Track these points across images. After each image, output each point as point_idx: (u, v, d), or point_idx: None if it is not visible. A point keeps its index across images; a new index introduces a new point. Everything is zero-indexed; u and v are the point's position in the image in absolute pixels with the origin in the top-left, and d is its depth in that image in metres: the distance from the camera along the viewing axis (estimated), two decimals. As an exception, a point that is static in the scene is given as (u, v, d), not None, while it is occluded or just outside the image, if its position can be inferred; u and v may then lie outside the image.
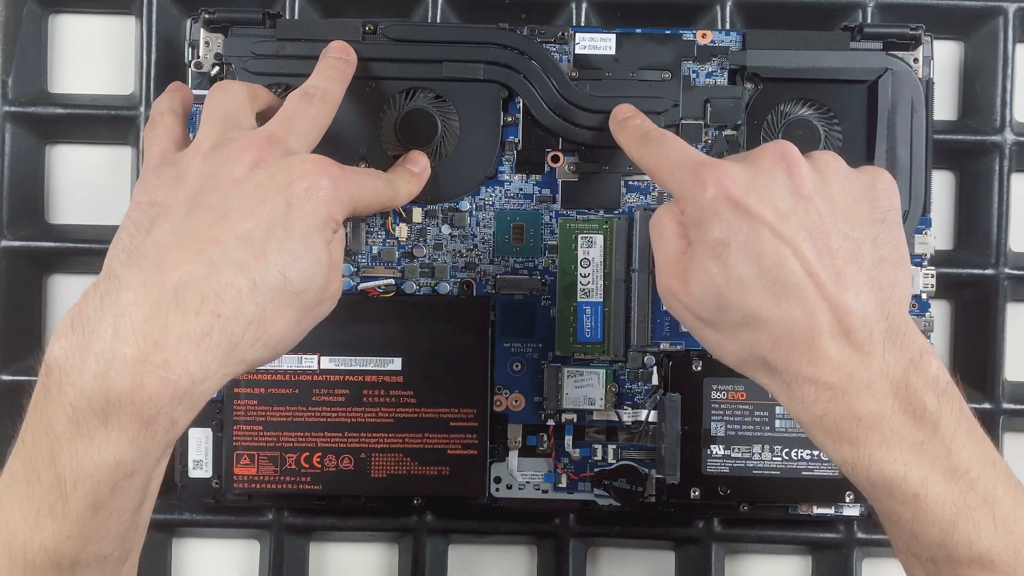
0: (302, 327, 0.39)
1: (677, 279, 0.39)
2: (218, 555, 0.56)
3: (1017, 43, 0.54)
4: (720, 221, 0.37)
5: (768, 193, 0.37)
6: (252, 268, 0.36)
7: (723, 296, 0.37)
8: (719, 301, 0.37)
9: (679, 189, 0.39)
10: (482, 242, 0.51)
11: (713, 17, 0.54)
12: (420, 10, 0.54)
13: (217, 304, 0.35)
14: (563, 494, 0.52)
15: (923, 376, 0.35)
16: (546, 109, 0.50)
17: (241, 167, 0.38)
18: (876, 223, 0.38)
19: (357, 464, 0.50)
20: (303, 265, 0.37)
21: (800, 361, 0.36)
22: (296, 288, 0.37)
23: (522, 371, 0.51)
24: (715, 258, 0.37)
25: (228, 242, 0.36)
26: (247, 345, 0.36)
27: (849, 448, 0.35)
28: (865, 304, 0.36)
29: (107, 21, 0.56)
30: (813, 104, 0.51)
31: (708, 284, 0.37)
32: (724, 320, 0.37)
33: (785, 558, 0.56)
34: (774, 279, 0.36)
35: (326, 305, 0.40)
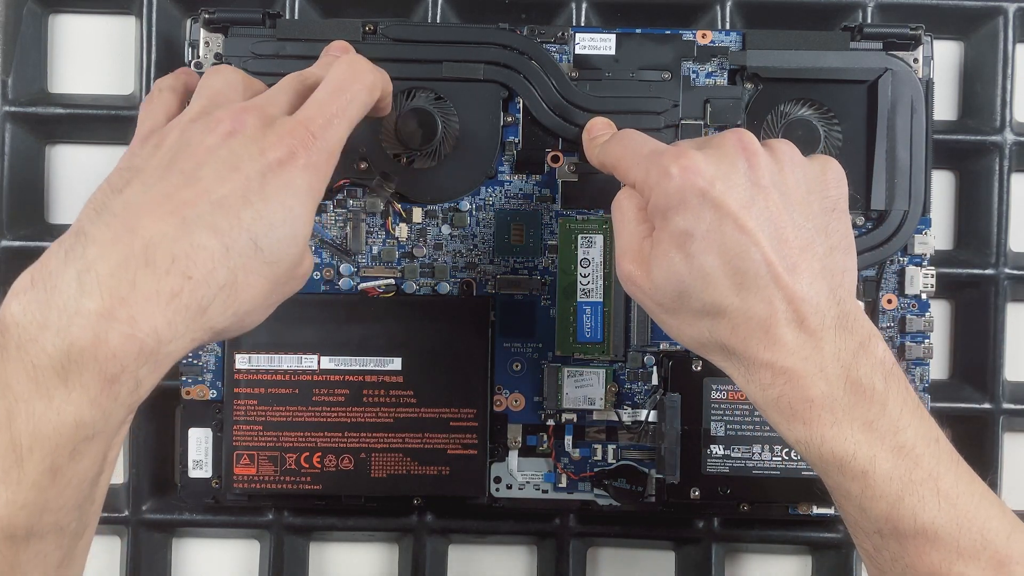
0: (272, 300, 0.38)
1: (638, 265, 0.39)
2: (218, 555, 0.56)
3: (1017, 43, 0.54)
4: (686, 211, 0.37)
5: (731, 183, 0.37)
6: (226, 233, 0.35)
7: (685, 285, 0.38)
8: (680, 290, 0.38)
9: (642, 177, 0.39)
10: (482, 242, 0.51)
11: (713, 17, 0.54)
12: (420, 10, 0.54)
13: (188, 265, 0.34)
14: (563, 494, 0.52)
15: (871, 359, 0.37)
16: (546, 109, 0.50)
17: (216, 136, 0.37)
18: (827, 212, 0.39)
19: (357, 464, 0.50)
20: (278, 235, 0.36)
21: (757, 347, 0.37)
22: (269, 258, 0.36)
23: (522, 371, 0.51)
24: (679, 248, 0.38)
25: (201, 205, 0.35)
26: (217, 311, 0.35)
27: (802, 428, 0.37)
28: (818, 292, 0.37)
29: (107, 21, 0.56)
30: (813, 104, 0.51)
31: (670, 273, 0.38)
32: (684, 308, 0.38)
33: (785, 558, 0.56)
34: (735, 270, 0.37)
35: (297, 282, 0.39)
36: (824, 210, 0.39)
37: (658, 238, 0.38)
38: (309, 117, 0.38)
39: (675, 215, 0.38)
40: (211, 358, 0.51)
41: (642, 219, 0.40)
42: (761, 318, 0.37)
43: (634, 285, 0.40)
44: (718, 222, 0.37)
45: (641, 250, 0.39)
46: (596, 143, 0.46)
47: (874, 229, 0.51)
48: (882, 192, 0.50)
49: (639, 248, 0.40)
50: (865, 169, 0.51)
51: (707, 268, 0.37)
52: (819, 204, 0.39)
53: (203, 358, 0.51)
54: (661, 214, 0.38)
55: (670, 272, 0.38)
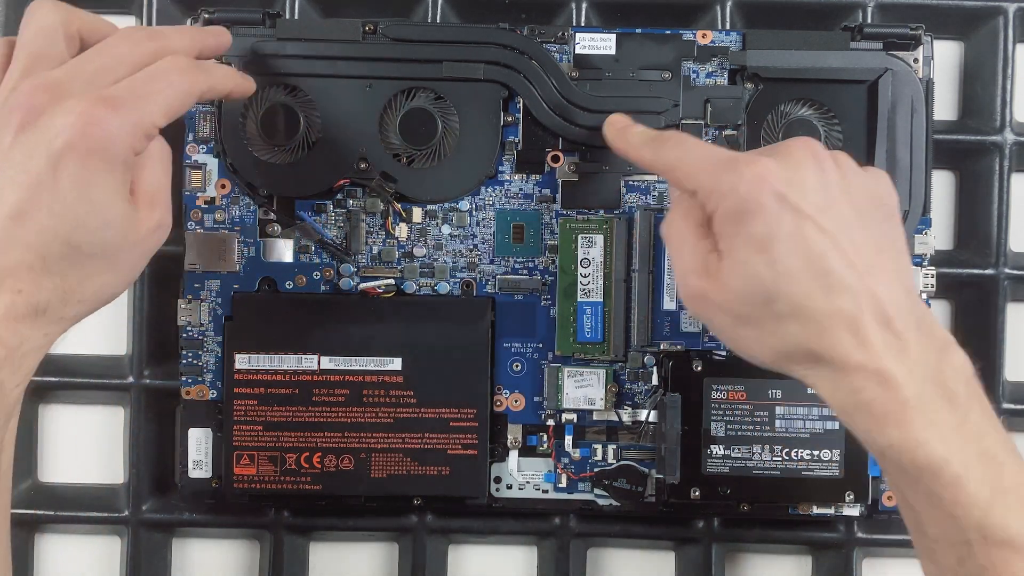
0: (123, 275, 0.39)
1: (708, 279, 0.39)
2: (218, 555, 0.56)
3: (1017, 43, 0.54)
4: (765, 214, 0.37)
5: (805, 187, 0.37)
6: (35, 245, 0.35)
7: (769, 290, 0.37)
8: (765, 295, 0.37)
9: (709, 184, 0.39)
10: (482, 242, 0.51)
11: (713, 17, 0.54)
12: (420, 10, 0.54)
13: (13, 283, 0.35)
14: (563, 494, 0.52)
15: (953, 363, 0.37)
16: (546, 109, 0.50)
17: (9, 133, 0.36)
18: (885, 220, 0.39)
19: (357, 464, 0.50)
20: (88, 228, 0.36)
21: (847, 349, 0.36)
22: (89, 251, 0.36)
23: (522, 371, 0.51)
24: (759, 251, 0.37)
25: (5, 224, 0.35)
26: (58, 307, 0.36)
27: (896, 432, 0.36)
28: (898, 294, 0.37)
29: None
30: (813, 104, 0.51)
31: (752, 279, 0.37)
32: (767, 314, 0.37)
33: (785, 558, 0.56)
34: (820, 270, 0.36)
35: (151, 241, 0.39)
36: (884, 217, 0.39)
37: (732, 246, 0.38)
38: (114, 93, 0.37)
39: (753, 220, 0.37)
40: (211, 358, 0.51)
41: (701, 235, 0.40)
42: (850, 318, 0.36)
43: (705, 301, 0.39)
44: (798, 224, 0.37)
45: (707, 265, 0.39)
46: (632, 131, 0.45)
47: (874, 229, 0.51)
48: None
49: (704, 264, 0.39)
50: (865, 169, 0.51)
51: (792, 270, 0.36)
52: (880, 212, 0.39)
53: (203, 358, 0.51)
54: (735, 220, 0.38)
55: (751, 278, 0.37)
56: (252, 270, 0.51)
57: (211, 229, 0.51)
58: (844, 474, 0.50)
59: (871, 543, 0.54)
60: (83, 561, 0.56)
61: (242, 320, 0.50)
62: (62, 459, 0.56)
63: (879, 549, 0.54)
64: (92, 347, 0.56)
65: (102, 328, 0.56)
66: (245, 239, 0.51)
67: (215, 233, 0.51)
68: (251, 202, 0.51)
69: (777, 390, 0.50)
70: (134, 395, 0.53)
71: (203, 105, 0.50)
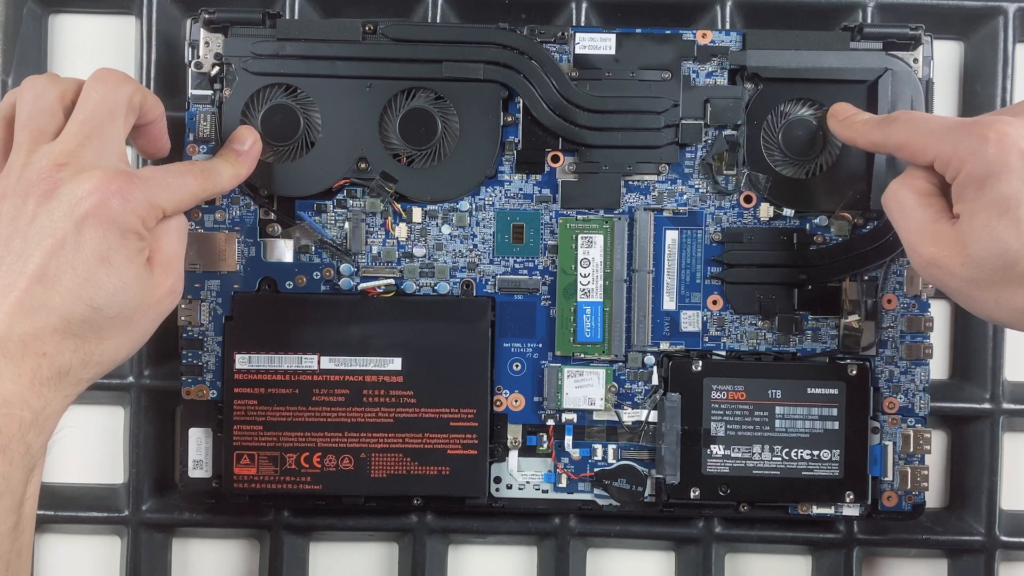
0: (136, 336, 0.41)
1: (944, 247, 0.39)
2: (218, 555, 0.56)
3: (1017, 43, 0.54)
4: (1011, 175, 0.37)
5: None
6: (59, 308, 0.37)
7: (1013, 252, 0.37)
8: (1007, 257, 0.37)
9: (950, 149, 0.39)
10: (482, 242, 0.51)
11: (713, 17, 0.54)
12: (420, 10, 0.54)
13: (39, 346, 0.37)
14: (563, 494, 0.52)
15: None
16: (546, 109, 0.50)
17: (32, 203, 0.38)
18: None
19: (357, 464, 0.50)
20: (108, 290, 0.38)
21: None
22: (109, 313, 0.39)
23: (522, 371, 0.51)
24: (1003, 214, 0.37)
25: (32, 288, 0.37)
26: (78, 369, 0.39)
27: None
28: None
29: (107, 21, 0.56)
30: (813, 104, 0.51)
31: (994, 242, 0.37)
32: (1009, 277, 0.38)
33: (785, 558, 0.56)
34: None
35: (164, 305, 0.42)
36: None
37: (974, 209, 0.38)
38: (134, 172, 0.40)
39: (997, 181, 0.37)
40: (211, 358, 0.51)
41: (928, 203, 0.40)
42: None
43: (939, 267, 0.39)
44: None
45: (938, 231, 0.39)
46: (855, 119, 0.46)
47: (875, 229, 0.51)
48: (882, 192, 0.50)
49: (935, 230, 0.40)
50: (866, 169, 0.51)
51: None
52: None
53: (203, 358, 0.51)
54: (978, 184, 0.38)
55: (994, 241, 0.37)
56: (252, 270, 0.51)
57: (211, 229, 0.51)
58: (844, 474, 0.50)
59: (871, 543, 0.54)
60: (83, 561, 0.56)
61: (242, 320, 0.50)
62: (62, 459, 0.56)
63: (879, 549, 0.54)
64: (92, 347, 0.56)
65: (102, 328, 0.55)
66: (245, 239, 0.51)
67: (215, 233, 0.51)
68: (251, 202, 0.51)
69: (777, 390, 0.50)
70: (134, 395, 0.53)
71: (203, 105, 0.50)
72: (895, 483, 0.51)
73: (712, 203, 0.51)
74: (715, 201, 0.51)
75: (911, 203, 0.41)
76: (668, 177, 0.51)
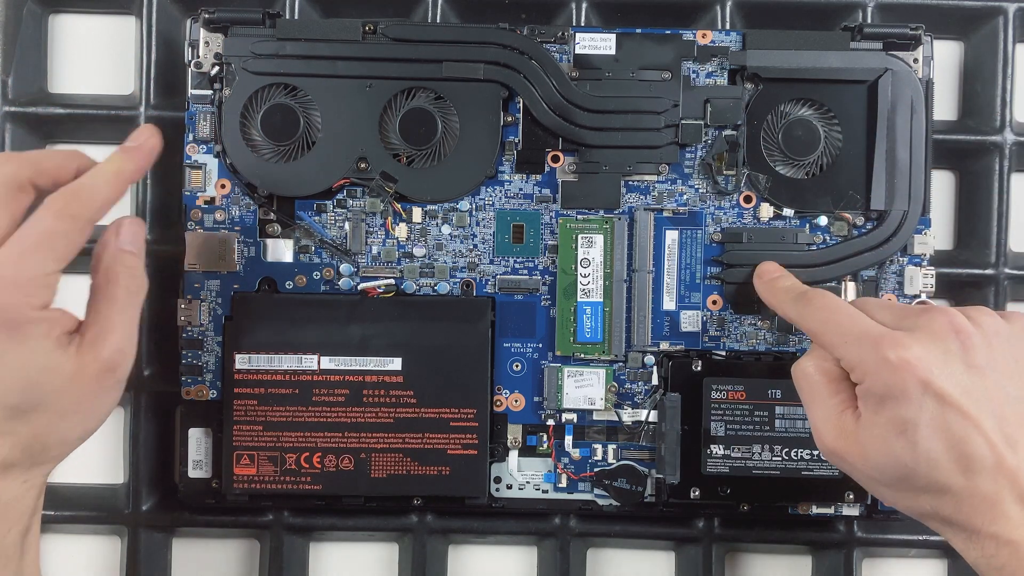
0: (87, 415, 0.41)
1: (847, 443, 0.40)
2: (218, 555, 0.56)
3: (1017, 43, 0.54)
4: (908, 401, 0.38)
5: (950, 370, 0.38)
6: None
7: (909, 470, 0.38)
8: (903, 473, 0.39)
9: (855, 359, 0.40)
10: (482, 242, 0.51)
11: (713, 17, 0.54)
12: (420, 10, 0.54)
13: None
14: (563, 494, 0.52)
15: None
16: (546, 109, 0.50)
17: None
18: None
19: (357, 464, 0.50)
20: (15, 388, 0.38)
21: (983, 520, 0.38)
22: (30, 406, 0.38)
23: (522, 371, 0.51)
24: (900, 434, 0.38)
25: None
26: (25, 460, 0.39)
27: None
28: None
29: (107, 21, 0.56)
30: (813, 104, 0.51)
31: (891, 458, 0.38)
32: (904, 486, 0.39)
33: (785, 558, 0.56)
34: (960, 454, 0.38)
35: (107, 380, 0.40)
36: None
37: (873, 421, 0.39)
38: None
39: (896, 404, 0.38)
40: (211, 358, 0.51)
41: (835, 389, 0.41)
42: (987, 497, 0.38)
43: (843, 462, 0.41)
44: (941, 411, 0.38)
45: (842, 425, 0.40)
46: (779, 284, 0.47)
47: (874, 229, 0.51)
48: (882, 192, 0.50)
49: (839, 423, 0.40)
50: (865, 169, 0.51)
51: (932, 455, 0.38)
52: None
53: (203, 358, 0.51)
54: (878, 400, 0.39)
55: (890, 457, 0.38)
56: (252, 270, 0.51)
57: (211, 229, 0.51)
58: (844, 474, 0.50)
59: (871, 543, 0.54)
60: (83, 561, 0.56)
61: (242, 320, 0.50)
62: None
63: (879, 549, 0.54)
64: (92, 347, 0.56)
65: (102, 328, 0.55)
66: (245, 239, 0.51)
67: (215, 233, 0.51)
68: (251, 202, 0.51)
69: (777, 390, 0.50)
70: (134, 395, 0.53)
71: (203, 105, 0.50)
72: (895, 483, 0.51)
73: (712, 203, 0.51)
74: (715, 201, 0.51)
75: (820, 388, 0.41)
76: (668, 177, 0.51)
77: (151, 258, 0.53)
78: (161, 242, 0.53)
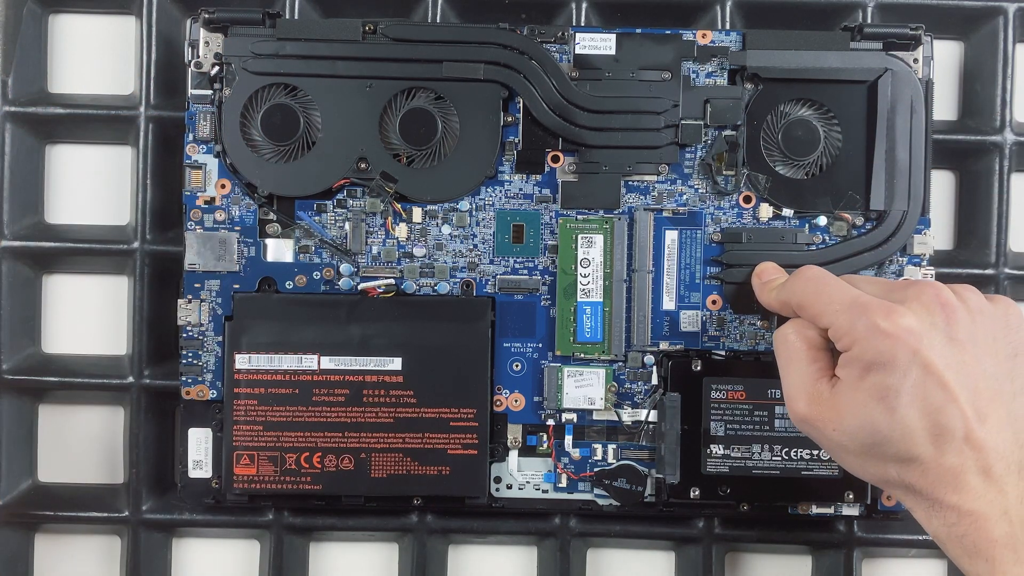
0: None
1: (821, 408, 0.41)
2: (218, 555, 0.56)
3: (1017, 43, 0.54)
4: (895, 368, 0.38)
5: (934, 341, 0.39)
6: None
7: (882, 436, 0.39)
8: (876, 439, 0.39)
9: (845, 326, 0.40)
10: (482, 242, 0.51)
11: (713, 17, 0.54)
12: (420, 10, 0.54)
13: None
14: (563, 494, 0.52)
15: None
16: (546, 109, 0.50)
17: None
18: (1011, 357, 0.41)
19: (357, 464, 0.50)
20: None
21: (945, 491, 0.39)
22: None
23: (522, 371, 0.51)
24: (880, 400, 0.39)
25: None
26: None
27: (984, 565, 0.38)
28: (1005, 440, 0.39)
29: (107, 21, 0.56)
30: (813, 104, 0.51)
31: (867, 423, 0.39)
32: (874, 454, 0.40)
33: (785, 558, 0.56)
34: (934, 424, 0.38)
35: None
36: (1008, 355, 0.41)
37: (855, 386, 0.39)
38: None
39: (882, 370, 0.39)
40: (211, 358, 0.51)
41: (814, 357, 0.42)
42: (952, 468, 0.38)
43: (813, 428, 0.41)
44: (923, 380, 0.38)
45: (818, 392, 0.41)
46: (771, 286, 0.47)
47: (873, 229, 0.51)
48: (881, 192, 0.50)
49: (814, 389, 0.41)
50: (865, 169, 0.51)
51: (908, 422, 0.38)
52: (1004, 350, 0.41)
53: (203, 358, 0.51)
54: (864, 366, 0.39)
55: (866, 422, 0.39)
56: (252, 270, 0.51)
57: (211, 229, 0.51)
58: (844, 474, 0.50)
59: (871, 543, 0.54)
60: (83, 561, 0.56)
61: (242, 320, 0.50)
62: (62, 459, 0.56)
63: (879, 549, 0.54)
64: (92, 347, 0.56)
65: (102, 328, 0.56)
66: (245, 239, 0.51)
67: (215, 233, 0.51)
68: (251, 202, 0.51)
69: (777, 390, 0.50)
70: (134, 395, 0.53)
71: (203, 105, 0.51)
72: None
73: (712, 203, 0.51)
74: (715, 201, 0.51)
75: (800, 354, 0.42)
76: (668, 177, 0.51)
77: (151, 258, 0.54)
78: (161, 242, 0.54)
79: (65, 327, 0.56)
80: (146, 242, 0.53)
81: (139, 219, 0.53)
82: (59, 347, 0.56)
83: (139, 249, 0.53)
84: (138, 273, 0.53)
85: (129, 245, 0.53)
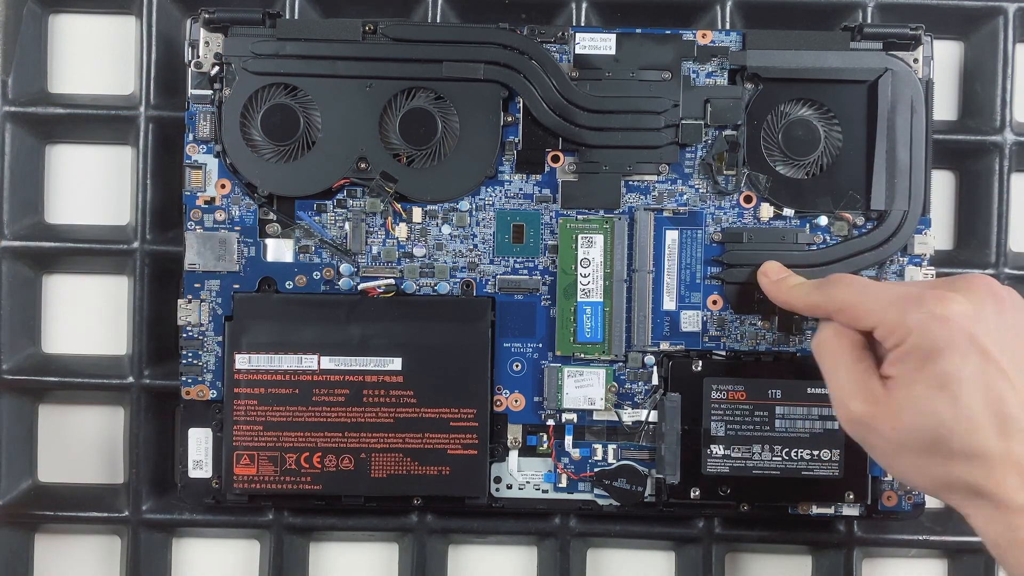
0: None
1: (877, 408, 0.39)
2: (218, 555, 0.56)
3: (1017, 43, 0.54)
4: (955, 354, 0.37)
5: (989, 327, 0.38)
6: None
7: (946, 427, 0.37)
8: (939, 433, 0.38)
9: (897, 320, 0.39)
10: (482, 242, 0.51)
11: (713, 17, 0.54)
12: (420, 10, 0.54)
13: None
14: (563, 494, 0.52)
15: None
16: (546, 109, 0.50)
17: None
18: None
19: (357, 464, 0.50)
20: None
21: (1012, 489, 0.37)
22: None
23: (522, 371, 0.51)
24: (942, 389, 0.37)
25: None
26: None
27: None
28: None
29: (107, 21, 0.56)
30: (813, 104, 0.51)
31: (928, 415, 0.38)
32: (936, 450, 0.38)
33: (785, 558, 0.56)
34: (997, 414, 0.37)
35: None
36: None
37: (912, 379, 0.38)
38: None
39: (941, 357, 0.38)
40: (211, 358, 0.51)
41: (859, 356, 0.40)
42: (1019, 461, 0.37)
43: (868, 427, 0.40)
44: (983, 366, 0.37)
45: (870, 389, 0.40)
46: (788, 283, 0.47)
47: (874, 229, 0.51)
48: (882, 192, 0.50)
49: (866, 387, 0.40)
50: (865, 169, 0.51)
51: (973, 411, 0.37)
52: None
53: (203, 358, 0.51)
54: (921, 356, 0.38)
55: (928, 413, 0.38)
56: (252, 270, 0.51)
57: (211, 229, 0.51)
58: (844, 474, 0.50)
59: (871, 543, 0.54)
60: (83, 561, 0.56)
61: (242, 320, 0.50)
62: (62, 459, 0.56)
63: (879, 549, 0.54)
64: (92, 347, 0.56)
65: (102, 328, 0.56)
66: (245, 239, 0.51)
67: (215, 233, 0.51)
68: (251, 202, 0.51)
69: (777, 390, 0.50)
70: (134, 395, 0.53)
71: (203, 105, 0.50)
72: (895, 483, 0.51)
73: (712, 203, 0.51)
74: (715, 201, 0.51)
75: (845, 355, 0.41)
76: (668, 177, 0.51)
77: (151, 258, 0.54)
78: (161, 242, 0.54)
79: (65, 327, 0.56)
80: (146, 242, 0.53)
81: (139, 219, 0.53)
82: (59, 347, 0.56)
83: (139, 249, 0.53)
84: (138, 273, 0.53)
85: (129, 245, 0.54)
